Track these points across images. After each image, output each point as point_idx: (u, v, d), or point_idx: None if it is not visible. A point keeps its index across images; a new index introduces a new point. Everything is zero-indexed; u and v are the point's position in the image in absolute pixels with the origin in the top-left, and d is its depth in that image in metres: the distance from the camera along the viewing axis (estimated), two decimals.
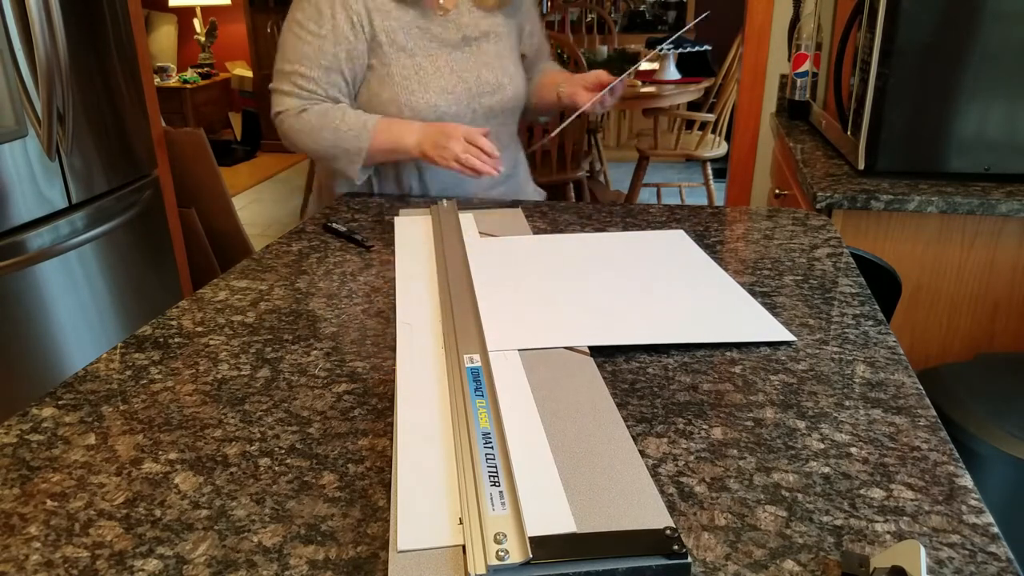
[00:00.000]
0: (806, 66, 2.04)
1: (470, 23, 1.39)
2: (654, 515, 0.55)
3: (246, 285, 1.02)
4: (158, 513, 0.58)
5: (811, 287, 0.98)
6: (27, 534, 0.57)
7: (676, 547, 0.51)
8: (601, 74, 1.42)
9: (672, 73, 3.71)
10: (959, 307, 1.49)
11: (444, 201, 1.30)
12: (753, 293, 0.96)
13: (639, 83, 3.52)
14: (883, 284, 1.31)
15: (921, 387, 0.74)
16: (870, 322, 0.88)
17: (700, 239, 1.16)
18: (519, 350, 0.80)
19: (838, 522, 0.56)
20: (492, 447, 0.61)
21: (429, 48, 1.36)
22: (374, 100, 1.37)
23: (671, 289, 0.96)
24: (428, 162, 1.31)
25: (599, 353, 0.81)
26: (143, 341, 0.87)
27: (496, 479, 0.57)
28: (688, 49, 3.80)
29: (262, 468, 0.64)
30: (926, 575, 0.47)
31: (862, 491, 0.60)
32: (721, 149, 3.60)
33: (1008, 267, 1.44)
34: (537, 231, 1.20)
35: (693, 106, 4.07)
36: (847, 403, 0.72)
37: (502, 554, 0.50)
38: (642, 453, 0.65)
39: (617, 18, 5.82)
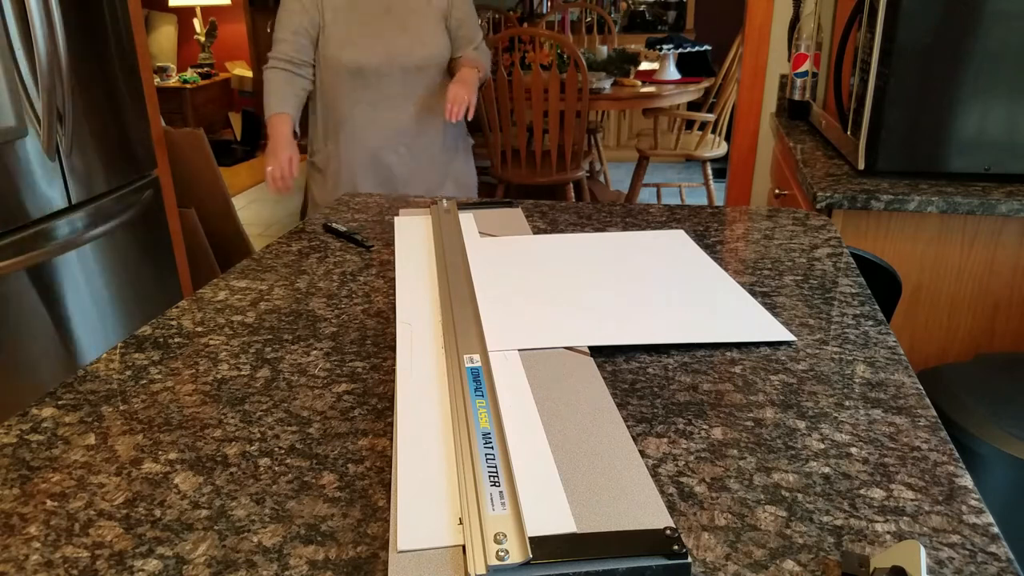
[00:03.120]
0: (806, 66, 2.04)
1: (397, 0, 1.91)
2: (654, 515, 0.55)
3: (246, 285, 1.02)
4: (158, 513, 0.58)
5: (811, 287, 0.98)
6: (27, 534, 0.57)
7: (676, 547, 0.51)
8: (451, 94, 1.84)
9: (672, 73, 3.71)
10: (959, 307, 1.49)
11: (444, 201, 1.30)
12: (753, 293, 0.96)
13: (639, 83, 3.52)
14: (883, 284, 1.31)
15: (921, 387, 0.74)
16: (870, 322, 0.88)
17: (700, 239, 1.16)
18: (519, 350, 0.80)
19: (838, 522, 0.56)
20: (492, 447, 0.61)
21: (362, 18, 1.88)
22: (323, 56, 1.89)
23: (671, 289, 0.96)
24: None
25: (599, 353, 0.81)
26: (143, 341, 0.87)
27: (496, 479, 0.57)
28: (688, 49, 3.80)
29: (262, 468, 0.64)
30: (926, 575, 0.47)
31: (862, 491, 0.60)
32: (721, 149, 3.60)
33: (1008, 267, 1.44)
34: (537, 231, 1.20)
35: (693, 106, 4.07)
36: (847, 403, 0.72)
37: (502, 554, 0.50)
38: (642, 453, 0.65)
39: (617, 18, 5.82)
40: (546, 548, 0.51)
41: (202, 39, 5.84)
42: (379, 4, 1.88)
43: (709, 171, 3.69)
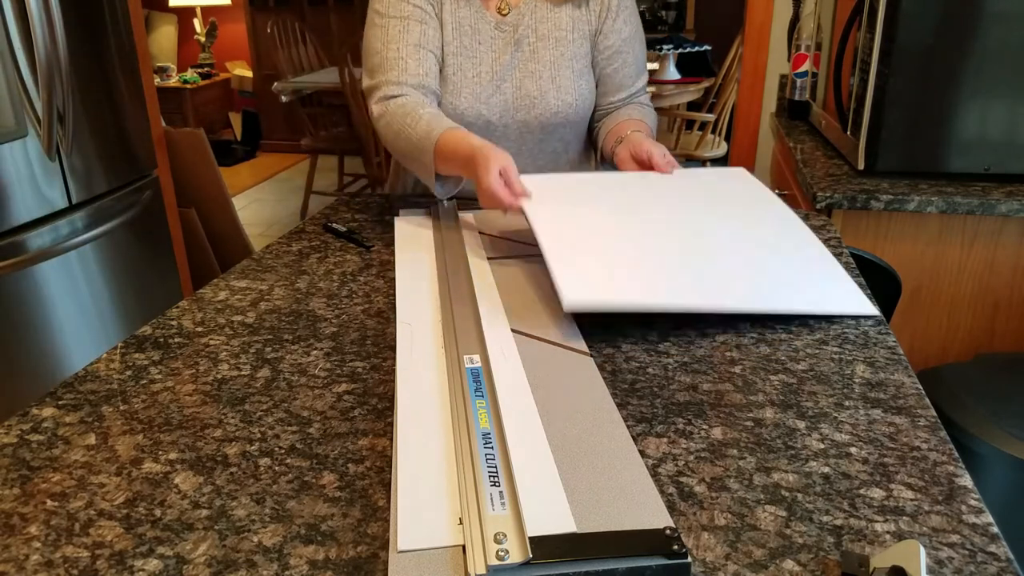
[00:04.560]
0: (806, 66, 2.04)
1: (529, 24, 1.27)
2: (654, 515, 0.55)
3: (246, 285, 1.02)
4: (158, 513, 0.58)
5: None
6: (27, 534, 0.57)
7: (676, 547, 0.51)
8: (657, 153, 1.16)
9: (672, 73, 3.72)
10: (959, 307, 1.49)
11: (444, 201, 1.30)
12: None
13: None
14: (883, 284, 1.31)
15: (921, 387, 0.74)
16: (870, 322, 0.88)
17: None
18: (518, 350, 0.80)
19: (838, 522, 0.56)
20: (492, 447, 0.61)
21: (475, 49, 1.27)
22: None
23: (744, 240, 0.92)
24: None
25: (599, 353, 0.81)
26: (143, 341, 0.87)
27: (496, 479, 0.57)
28: (688, 49, 3.80)
29: (262, 468, 0.64)
30: (926, 575, 0.47)
31: (862, 491, 0.60)
32: (721, 149, 3.60)
33: (1008, 267, 1.44)
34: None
35: (693, 106, 4.07)
36: (847, 403, 0.72)
37: (502, 554, 0.50)
38: (642, 453, 0.65)
39: None
40: (546, 548, 0.51)
41: (202, 39, 5.84)
42: (503, 31, 1.27)
43: None
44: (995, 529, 0.55)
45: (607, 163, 1.37)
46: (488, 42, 1.27)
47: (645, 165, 1.17)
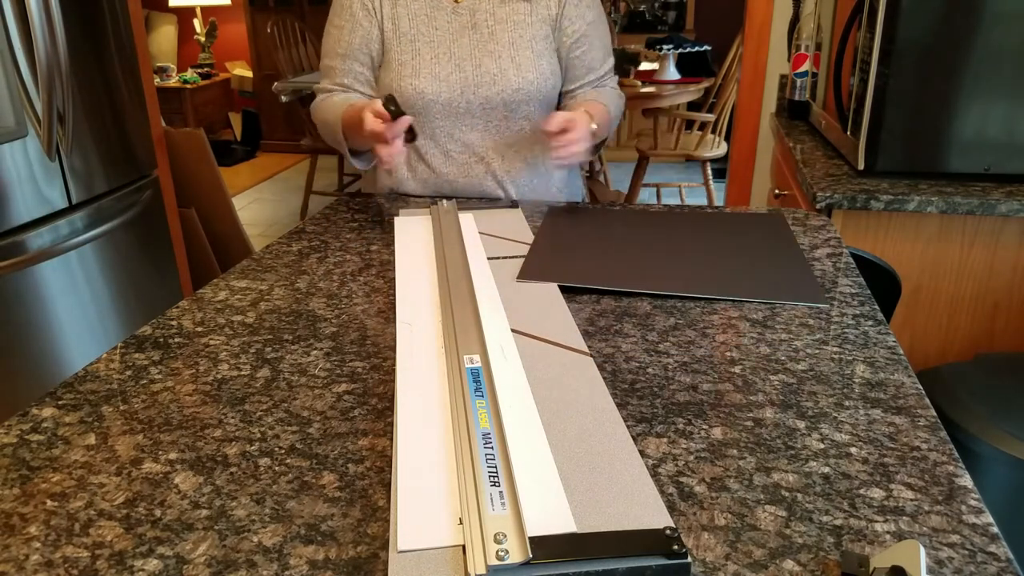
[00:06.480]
0: (806, 66, 2.04)
1: (487, 9, 1.36)
2: (654, 515, 0.55)
3: (246, 285, 1.02)
4: (158, 513, 0.58)
5: None
6: (27, 534, 0.57)
7: (676, 547, 0.51)
8: (560, 118, 1.22)
9: (672, 73, 3.72)
10: (959, 307, 1.48)
11: (444, 201, 1.30)
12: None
13: (639, 83, 3.51)
14: (883, 284, 1.31)
15: (921, 387, 0.74)
16: (870, 322, 0.88)
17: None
18: (519, 350, 0.80)
19: (838, 522, 0.56)
20: (492, 447, 0.61)
21: (432, 35, 1.36)
22: (380, 85, 1.41)
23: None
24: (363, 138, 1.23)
25: (599, 353, 0.81)
26: (143, 341, 0.87)
27: (496, 479, 0.57)
28: (688, 49, 3.80)
29: (262, 468, 0.64)
30: (926, 575, 0.47)
31: (862, 491, 0.60)
32: (721, 149, 3.60)
33: (1008, 267, 1.44)
34: (537, 231, 1.20)
35: (693, 106, 4.07)
36: (847, 403, 0.72)
37: (502, 554, 0.50)
38: (642, 453, 0.65)
39: (617, 18, 5.82)
40: (546, 548, 0.51)
41: (202, 39, 5.84)
42: (459, 15, 1.36)
43: (709, 171, 3.69)
44: (995, 529, 0.55)
45: None
46: (445, 27, 1.36)
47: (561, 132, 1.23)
